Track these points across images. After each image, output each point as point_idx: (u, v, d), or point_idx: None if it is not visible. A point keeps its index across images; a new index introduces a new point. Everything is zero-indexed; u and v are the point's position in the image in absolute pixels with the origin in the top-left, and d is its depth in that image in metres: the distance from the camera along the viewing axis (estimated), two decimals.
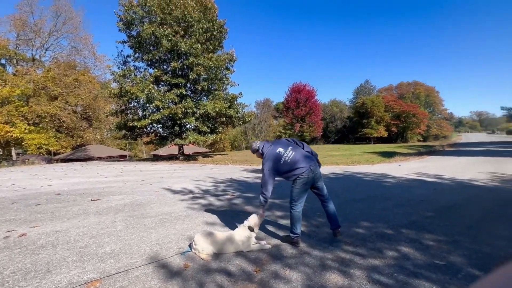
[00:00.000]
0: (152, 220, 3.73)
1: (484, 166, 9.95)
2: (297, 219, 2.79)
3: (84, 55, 27.82)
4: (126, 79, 15.31)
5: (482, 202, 4.75)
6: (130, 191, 5.94)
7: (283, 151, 2.85)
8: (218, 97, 16.96)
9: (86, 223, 3.62)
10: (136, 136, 18.53)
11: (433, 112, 57.69)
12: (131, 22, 15.55)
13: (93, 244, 2.86)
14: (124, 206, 4.53)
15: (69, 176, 9.32)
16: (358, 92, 66.80)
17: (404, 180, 7.12)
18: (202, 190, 6.00)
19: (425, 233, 3.13)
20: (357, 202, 4.63)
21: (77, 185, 7.03)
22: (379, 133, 45.31)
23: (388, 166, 10.79)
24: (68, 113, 25.69)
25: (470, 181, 6.78)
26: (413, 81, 59.39)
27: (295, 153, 2.82)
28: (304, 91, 37.49)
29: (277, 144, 2.97)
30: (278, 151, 2.85)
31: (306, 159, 2.82)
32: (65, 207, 4.54)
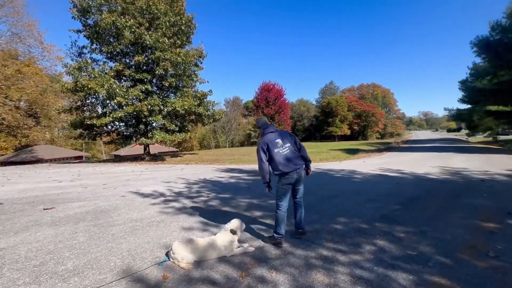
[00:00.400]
0: (120, 228, 3.38)
1: (434, 161, 11.16)
2: (282, 219, 2.79)
3: (28, 44, 24.32)
4: (82, 73, 13.81)
5: (438, 193, 5.27)
6: (92, 197, 5.36)
7: (281, 143, 2.86)
8: (187, 95, 16.28)
9: (40, 236, 3.14)
10: (95, 135, 16.88)
11: (389, 112, 63.29)
12: (87, 9, 14.05)
13: (51, 261, 2.48)
14: (85, 214, 4.05)
15: (13, 182, 8.11)
16: (324, 92, 70.09)
17: (370, 175, 7.62)
18: (174, 192, 5.67)
19: (396, 225, 3.35)
20: (331, 199, 4.79)
21: (24, 192, 6.12)
22: (343, 131, 48.20)
23: (354, 162, 11.48)
24: (9, 109, 22.34)
25: (425, 175, 7.52)
26: (372, 83, 64.41)
27: (290, 151, 2.85)
28: (274, 90, 38.08)
29: (280, 134, 2.95)
30: (277, 141, 2.86)
31: (297, 161, 2.85)
32: (11, 219, 3.90)
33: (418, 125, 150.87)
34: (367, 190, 5.55)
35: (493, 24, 18.09)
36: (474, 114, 22.10)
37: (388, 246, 2.75)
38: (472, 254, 2.56)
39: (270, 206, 4.33)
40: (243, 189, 5.94)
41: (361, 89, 64.11)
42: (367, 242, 2.85)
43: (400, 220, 3.57)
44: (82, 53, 15.65)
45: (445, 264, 2.36)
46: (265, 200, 4.80)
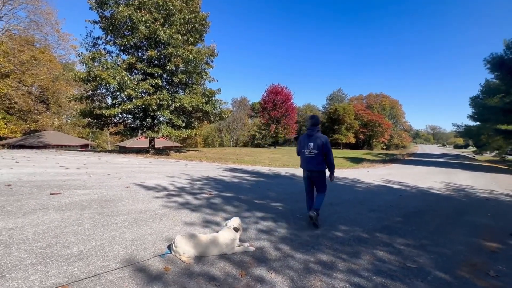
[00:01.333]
0: (124, 218, 3.45)
1: (439, 176, 11.05)
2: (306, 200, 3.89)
3: (45, 31, 24.82)
4: (95, 63, 14.06)
5: (441, 209, 5.24)
6: (97, 185, 5.46)
7: (310, 146, 3.55)
8: (196, 92, 16.44)
9: (47, 219, 3.23)
10: (103, 125, 17.12)
11: (396, 124, 62.75)
12: (105, 1, 14.32)
13: (57, 244, 2.55)
14: (91, 202, 4.14)
15: (22, 165, 8.29)
16: (331, 99, 69.91)
17: (373, 186, 7.59)
18: (177, 187, 5.74)
19: (397, 237, 3.35)
20: (334, 206, 4.80)
21: (32, 176, 6.26)
22: (348, 139, 47.96)
23: (358, 172, 11.43)
24: (22, 94, 22.83)
25: (429, 189, 7.46)
26: (381, 93, 63.99)
27: (312, 155, 3.54)
28: (282, 93, 38.15)
29: (315, 139, 3.56)
30: (308, 144, 3.59)
31: (311, 165, 3.57)
32: (19, 200, 4.00)
33: (425, 138, 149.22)
34: (369, 200, 5.54)
35: (508, 43, 17.88)
36: (483, 132, 21.81)
37: (387, 257, 2.75)
38: (472, 272, 2.55)
39: (272, 208, 4.36)
40: (246, 189, 5.98)
41: (369, 99, 63.73)
42: (367, 251, 2.86)
43: (401, 232, 3.57)
44: (97, 44, 15.94)
45: (444, 280, 2.36)
46: (268, 201, 4.83)
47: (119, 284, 1.96)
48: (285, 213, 4.11)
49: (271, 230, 3.35)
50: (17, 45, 22.56)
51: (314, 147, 3.50)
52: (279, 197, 5.27)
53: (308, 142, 3.55)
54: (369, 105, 59.13)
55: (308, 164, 3.57)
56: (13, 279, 1.94)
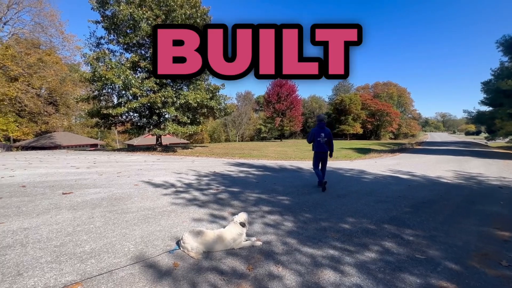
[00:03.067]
0: (134, 215, 3.53)
1: (449, 164, 10.82)
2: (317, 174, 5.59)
3: (50, 34, 25.13)
4: (99, 63, 14.19)
5: (451, 198, 5.14)
6: (107, 184, 5.58)
7: (322, 136, 5.48)
8: (200, 88, 16.46)
9: (60, 219, 3.33)
10: (110, 125, 17.43)
11: (404, 112, 61.44)
12: (106, 1, 14.34)
13: (70, 243, 2.63)
14: (101, 200, 4.24)
15: (34, 166, 8.54)
16: (337, 90, 68.77)
17: (381, 176, 7.50)
18: (185, 183, 5.82)
19: (405, 228, 3.32)
20: (340, 198, 4.78)
21: (45, 176, 6.45)
22: (355, 130, 47.33)
23: (365, 162, 11.31)
24: (31, 96, 23.32)
25: (438, 178, 7.33)
26: (388, 81, 62.54)
27: (323, 142, 5.49)
28: (286, 86, 37.77)
29: (324, 131, 5.53)
30: (321, 134, 5.49)
31: (322, 149, 5.52)
32: (33, 201, 4.14)
33: (434, 126, 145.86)
34: (377, 191, 5.49)
35: None
36: (496, 117, 21.15)
37: (396, 248, 2.73)
38: (483, 262, 2.51)
39: (279, 202, 4.37)
40: (252, 184, 6.01)
41: (376, 88, 62.41)
42: (375, 243, 2.85)
43: (410, 223, 3.53)
44: (100, 43, 16.08)
45: (454, 270, 2.33)
46: (274, 195, 4.85)
47: (130, 280, 2.01)
48: (291, 207, 4.12)
49: (278, 223, 3.36)
50: (24, 48, 22.95)
51: (324, 136, 5.46)
52: (285, 191, 5.28)
53: (320, 133, 5.47)
54: (376, 95, 57.94)
55: (321, 147, 5.48)
56: (30, 277, 2.02)
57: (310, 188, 5.66)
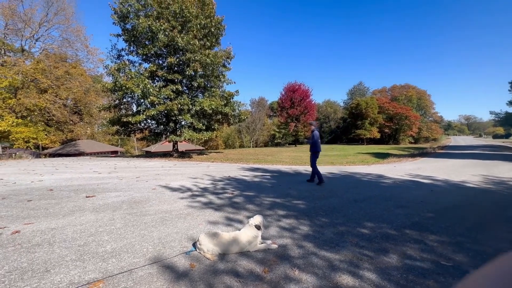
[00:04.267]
0: (152, 218, 3.62)
1: (475, 169, 10.19)
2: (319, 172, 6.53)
3: (76, 48, 26.99)
4: (120, 74, 14.93)
5: (478, 203, 4.83)
6: (127, 188, 5.79)
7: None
8: (214, 95, 16.80)
9: (83, 220, 3.49)
10: (130, 132, 18.14)
11: (425, 115, 58.98)
12: (126, 15, 15.16)
13: (93, 243, 2.75)
14: (121, 203, 4.40)
15: (61, 171, 9.04)
16: (352, 94, 67.56)
17: (400, 181, 7.21)
18: (200, 188, 5.91)
19: (428, 234, 3.15)
20: (358, 202, 4.63)
21: (70, 181, 6.81)
22: (372, 134, 45.96)
23: (383, 167, 10.92)
24: (58, 106, 24.94)
25: (464, 183, 6.92)
26: (406, 84, 60.50)
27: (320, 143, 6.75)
28: (299, 90, 37.57)
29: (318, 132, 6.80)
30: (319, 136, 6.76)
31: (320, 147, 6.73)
32: (59, 203, 4.37)
33: (458, 130, 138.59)
34: (397, 196, 5.27)
35: None
36: None
37: (419, 254, 2.60)
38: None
39: (294, 206, 4.32)
40: (267, 188, 5.99)
41: (393, 91, 60.58)
42: (396, 249, 2.73)
43: (434, 228, 3.35)
44: (121, 55, 16.94)
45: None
46: (289, 199, 4.79)
47: (148, 280, 2.06)
48: (307, 211, 4.05)
49: (294, 227, 3.31)
50: (52, 62, 24.69)
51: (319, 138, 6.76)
52: (300, 195, 5.20)
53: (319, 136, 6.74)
54: (394, 98, 56.14)
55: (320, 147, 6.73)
56: (56, 273, 2.12)
57: (326, 192, 5.55)
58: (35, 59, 24.85)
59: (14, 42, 25.47)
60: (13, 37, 25.16)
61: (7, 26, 24.23)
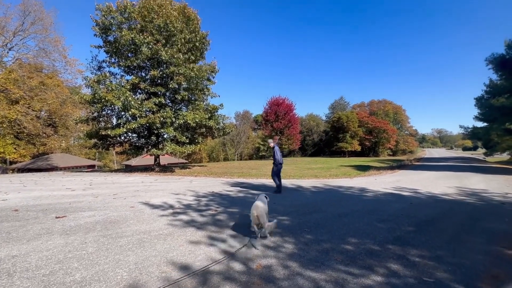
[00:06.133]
0: (128, 240, 3.39)
1: (450, 180, 10.74)
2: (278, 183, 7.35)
3: (53, 58, 25.90)
4: (100, 85, 14.47)
5: (454, 215, 5.03)
6: (102, 206, 5.44)
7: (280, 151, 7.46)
8: (199, 108, 16.67)
9: (51, 245, 3.19)
10: (108, 145, 17.38)
11: (401, 129, 62.19)
12: (109, 27, 14.93)
13: (60, 271, 2.50)
14: (95, 224, 4.10)
15: (29, 189, 8.37)
16: (334, 108, 70.01)
17: (381, 194, 7.39)
18: (183, 204, 5.68)
19: (410, 249, 3.20)
20: (342, 217, 4.65)
21: (39, 199, 6.29)
22: (353, 147, 47.44)
23: (365, 180, 11.20)
24: (30, 118, 23.47)
25: (441, 195, 7.22)
26: (383, 99, 63.94)
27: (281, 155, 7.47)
28: (283, 104, 38.41)
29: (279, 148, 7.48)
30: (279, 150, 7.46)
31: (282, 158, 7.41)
32: (24, 226, 3.99)
33: (431, 142, 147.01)
34: (379, 209, 5.37)
35: (509, 42, 17.88)
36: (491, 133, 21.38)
37: (402, 270, 2.61)
38: (494, 284, 2.39)
39: (279, 223, 4.24)
40: (251, 204, 5.87)
41: (372, 106, 63.67)
42: (380, 265, 2.73)
43: (415, 242, 3.41)
44: (102, 67, 16.49)
45: None
46: (274, 215, 4.71)
47: None
48: (292, 228, 3.99)
49: (279, 246, 3.24)
50: (26, 72, 23.50)
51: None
52: (285, 211, 5.15)
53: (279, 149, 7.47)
54: (372, 112, 58.90)
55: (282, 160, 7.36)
56: None
57: (310, 207, 5.54)
58: (6, 68, 23.54)
59: None
60: None
61: None
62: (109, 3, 14.79)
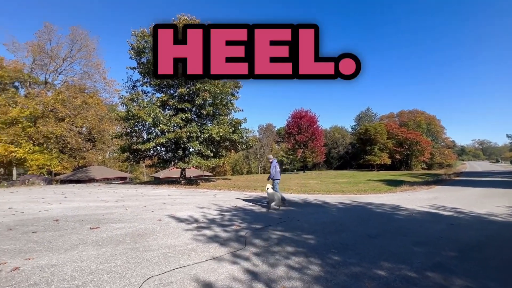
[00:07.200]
0: (154, 254, 3.47)
1: (498, 199, 9.60)
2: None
3: (94, 80, 28.90)
4: (133, 103, 15.63)
5: (505, 241, 4.44)
6: (131, 219, 5.69)
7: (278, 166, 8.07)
8: (223, 122, 17.14)
9: (85, 255, 3.38)
10: (139, 159, 18.45)
11: (436, 141, 57.84)
12: (142, 50, 16.28)
13: (91, 283, 2.61)
14: (125, 236, 4.28)
15: (69, 200, 9.08)
16: (360, 119, 67.70)
17: (416, 212, 6.81)
18: (207, 218, 5.74)
19: (454, 277, 2.86)
20: (372, 238, 4.34)
21: (76, 210, 6.78)
22: (382, 160, 44.97)
23: (397, 196, 10.46)
24: (73, 134, 25.98)
25: (487, 216, 6.46)
26: (414, 109, 60.43)
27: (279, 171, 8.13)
28: (306, 117, 38.02)
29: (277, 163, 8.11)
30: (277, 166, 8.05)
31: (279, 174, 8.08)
32: (63, 236, 4.30)
33: (473, 155, 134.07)
34: (414, 230, 4.93)
35: None
36: None
37: None
38: None
39: (304, 242, 4.08)
40: (275, 220, 5.75)
41: (401, 116, 60.42)
42: None
43: (458, 271, 3.04)
44: (135, 86, 17.88)
45: None
46: (299, 234, 4.55)
47: None
48: (318, 247, 3.81)
49: (303, 267, 3.09)
50: (72, 93, 26.29)
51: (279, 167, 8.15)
52: (310, 228, 4.95)
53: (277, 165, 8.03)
54: (402, 123, 55.75)
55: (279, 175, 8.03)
56: None
57: (337, 225, 5.27)
58: (56, 90, 26.57)
59: (39, 75, 27.57)
60: (39, 71, 27.28)
61: (35, 61, 26.40)
62: (143, 29, 16.22)
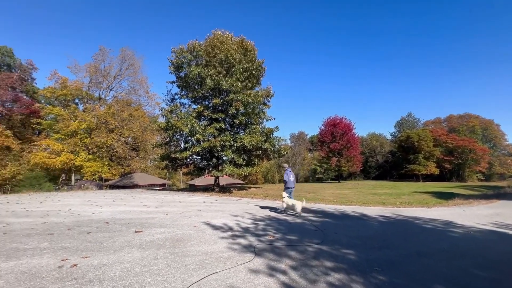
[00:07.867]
0: (192, 260, 3.58)
1: None
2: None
3: (139, 94, 31.90)
4: (172, 115, 16.76)
5: None
6: (171, 224, 5.98)
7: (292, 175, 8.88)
8: (255, 131, 17.36)
9: (130, 257, 3.62)
10: (177, 167, 19.52)
11: (495, 148, 50.88)
12: (181, 65, 17.52)
13: (136, 284, 2.78)
14: (165, 241, 4.50)
15: (117, 204, 9.93)
16: (401, 126, 63.01)
17: (476, 231, 5.97)
18: (241, 227, 5.77)
19: None
20: (421, 257, 3.90)
21: (123, 214, 7.38)
22: (428, 170, 40.90)
23: (449, 211, 9.33)
24: (121, 144, 28.72)
25: None
26: (465, 113, 54.37)
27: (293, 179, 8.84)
28: (341, 124, 36.55)
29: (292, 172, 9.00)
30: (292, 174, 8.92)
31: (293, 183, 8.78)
32: (112, 237, 4.68)
33: None
34: (474, 251, 4.31)
35: None
36: None
37: None
38: None
39: (343, 257, 3.84)
40: (311, 232, 5.54)
41: (450, 121, 54.68)
42: None
43: None
44: (174, 98, 19.20)
45: None
46: (337, 248, 4.30)
47: None
48: (359, 263, 3.54)
49: (345, 285, 2.89)
50: (120, 107, 29.24)
51: (293, 176, 8.87)
52: (349, 242, 4.65)
53: (291, 174, 8.78)
54: (452, 129, 50.27)
55: (293, 184, 8.70)
56: None
57: (380, 240, 4.87)
58: (107, 105, 29.84)
59: (94, 92, 31.34)
60: (94, 89, 31.02)
61: (91, 80, 30.13)
62: (182, 45, 17.52)
